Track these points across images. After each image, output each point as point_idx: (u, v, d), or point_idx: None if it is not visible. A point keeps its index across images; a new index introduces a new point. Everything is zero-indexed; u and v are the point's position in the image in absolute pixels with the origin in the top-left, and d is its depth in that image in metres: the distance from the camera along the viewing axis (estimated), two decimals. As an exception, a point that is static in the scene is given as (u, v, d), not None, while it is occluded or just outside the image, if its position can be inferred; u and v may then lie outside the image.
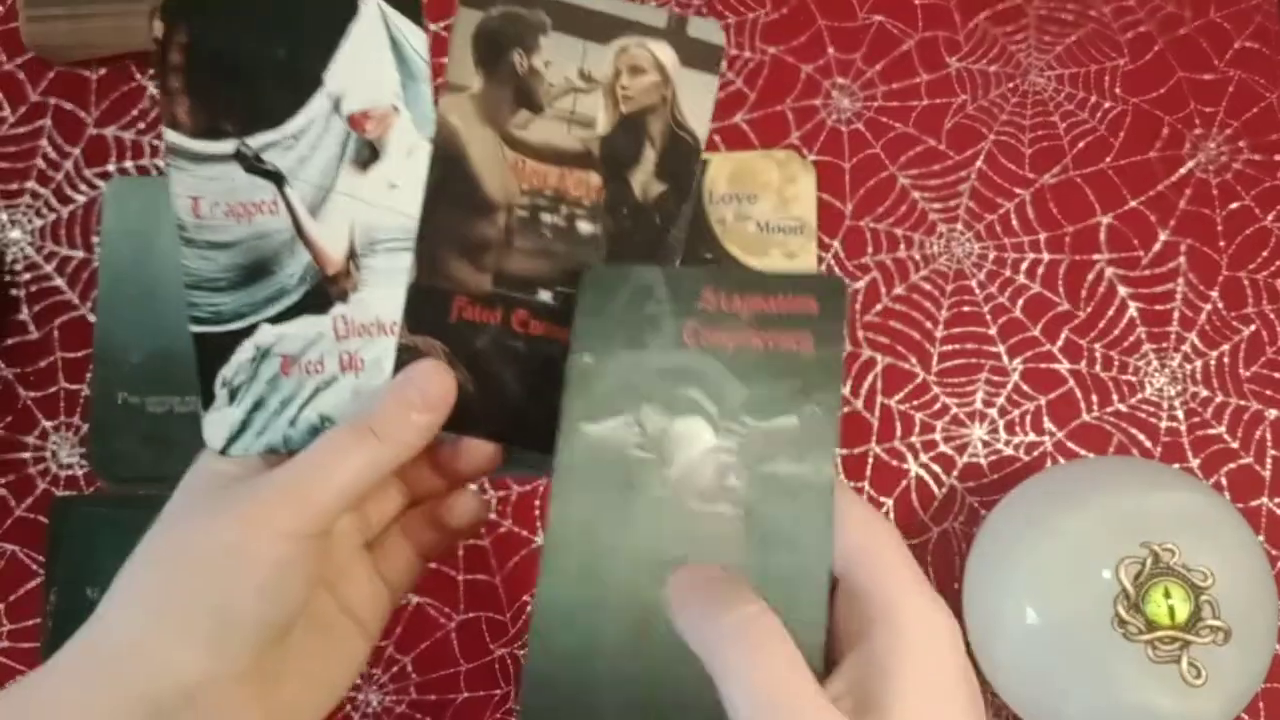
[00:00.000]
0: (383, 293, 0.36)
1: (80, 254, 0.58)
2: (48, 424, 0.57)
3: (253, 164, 0.35)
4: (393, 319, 0.36)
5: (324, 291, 0.36)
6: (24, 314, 0.58)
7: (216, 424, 0.35)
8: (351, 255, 0.36)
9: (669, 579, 0.31)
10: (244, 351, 0.36)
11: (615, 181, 0.36)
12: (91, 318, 0.57)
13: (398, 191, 0.36)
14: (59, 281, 0.58)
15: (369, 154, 0.36)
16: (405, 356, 0.36)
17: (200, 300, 0.35)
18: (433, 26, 0.38)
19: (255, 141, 0.35)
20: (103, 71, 0.61)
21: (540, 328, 0.36)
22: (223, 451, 0.35)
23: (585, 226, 0.36)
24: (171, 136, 0.35)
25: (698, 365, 0.33)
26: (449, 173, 0.36)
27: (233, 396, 0.36)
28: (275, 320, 0.36)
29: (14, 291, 0.58)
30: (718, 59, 0.35)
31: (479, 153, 0.36)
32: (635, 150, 0.36)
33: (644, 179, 0.36)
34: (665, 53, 0.35)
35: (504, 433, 0.37)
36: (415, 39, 0.35)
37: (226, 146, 0.35)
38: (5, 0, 0.61)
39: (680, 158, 0.36)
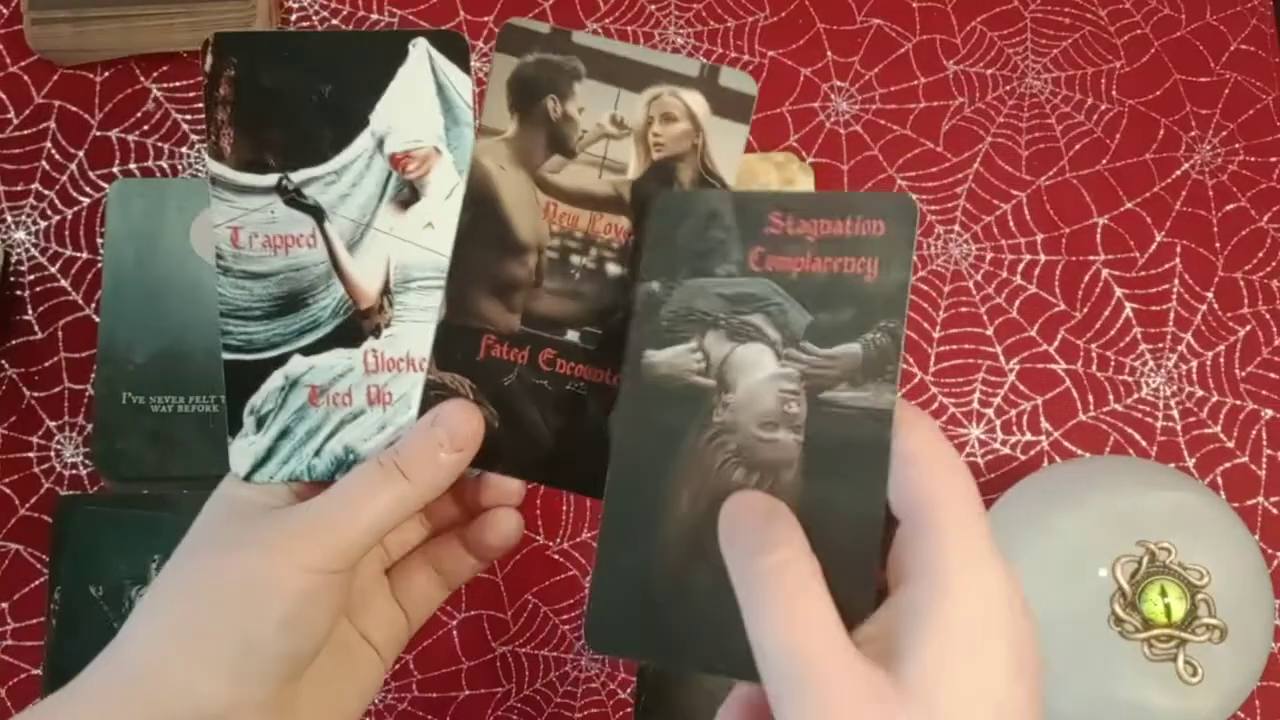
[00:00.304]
0: (415, 329, 0.36)
1: (84, 255, 0.59)
2: (52, 424, 0.57)
3: (293, 198, 0.36)
4: (423, 355, 0.36)
5: (357, 325, 0.36)
6: (29, 314, 0.58)
7: (242, 451, 0.36)
8: (386, 291, 0.36)
9: (722, 508, 0.31)
10: (273, 380, 0.36)
11: None
12: (96, 318, 0.57)
13: (435, 231, 0.36)
14: (63, 282, 0.59)
15: (409, 194, 0.36)
16: (433, 393, 0.36)
17: (234, 328, 0.36)
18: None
19: (297, 176, 0.36)
20: (107, 74, 0.61)
21: (566, 368, 0.37)
22: (246, 478, 0.36)
23: (614, 269, 0.37)
24: (215, 167, 0.36)
25: (762, 291, 0.33)
26: (481, 213, 0.36)
27: (260, 424, 0.36)
28: (306, 351, 0.36)
29: (19, 292, 0.58)
30: (748, 109, 0.36)
31: (511, 195, 0.37)
32: None
33: None
34: (697, 102, 0.36)
35: (528, 470, 0.37)
36: (461, 84, 0.36)
37: (269, 179, 0.36)
38: (10, 3, 0.62)
39: None
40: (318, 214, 0.36)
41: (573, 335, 0.37)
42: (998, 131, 0.62)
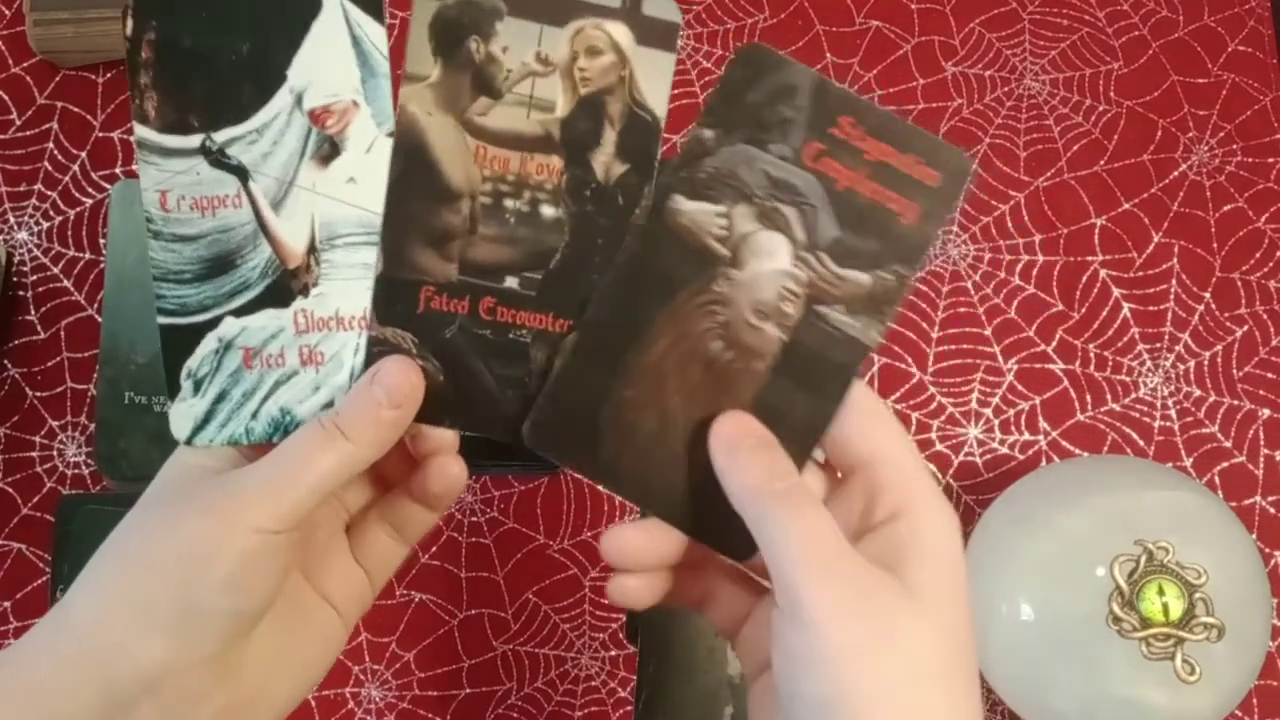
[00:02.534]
0: (343, 287, 0.36)
1: (87, 255, 0.59)
2: (54, 423, 0.57)
3: (217, 158, 0.36)
4: (353, 314, 0.36)
5: (285, 285, 0.36)
6: (31, 315, 0.58)
7: (181, 415, 0.36)
8: (312, 249, 0.36)
9: (717, 420, 0.33)
10: (208, 344, 0.36)
11: (577, 164, 0.36)
12: (98, 318, 0.58)
13: (357, 186, 0.36)
14: (66, 283, 0.59)
15: (329, 149, 0.36)
16: (374, 349, 0.36)
17: (167, 292, 0.36)
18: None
19: (220, 136, 0.36)
20: (109, 75, 0.61)
21: (508, 315, 0.36)
22: (187, 442, 0.36)
23: (548, 210, 0.36)
24: (141, 131, 0.36)
25: (805, 187, 0.33)
26: (411, 163, 0.36)
27: (197, 388, 0.36)
28: (238, 313, 0.36)
29: (21, 292, 0.59)
30: (674, 36, 0.35)
31: (440, 141, 0.36)
32: (595, 132, 0.36)
33: (605, 160, 0.36)
34: (621, 33, 0.35)
35: (475, 423, 0.37)
36: (375, 34, 0.36)
37: (193, 141, 0.36)
38: (12, 4, 0.62)
39: (640, 137, 0.36)
40: (241, 174, 0.36)
41: (512, 281, 0.36)
42: (996, 132, 0.63)
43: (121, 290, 0.55)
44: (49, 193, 0.60)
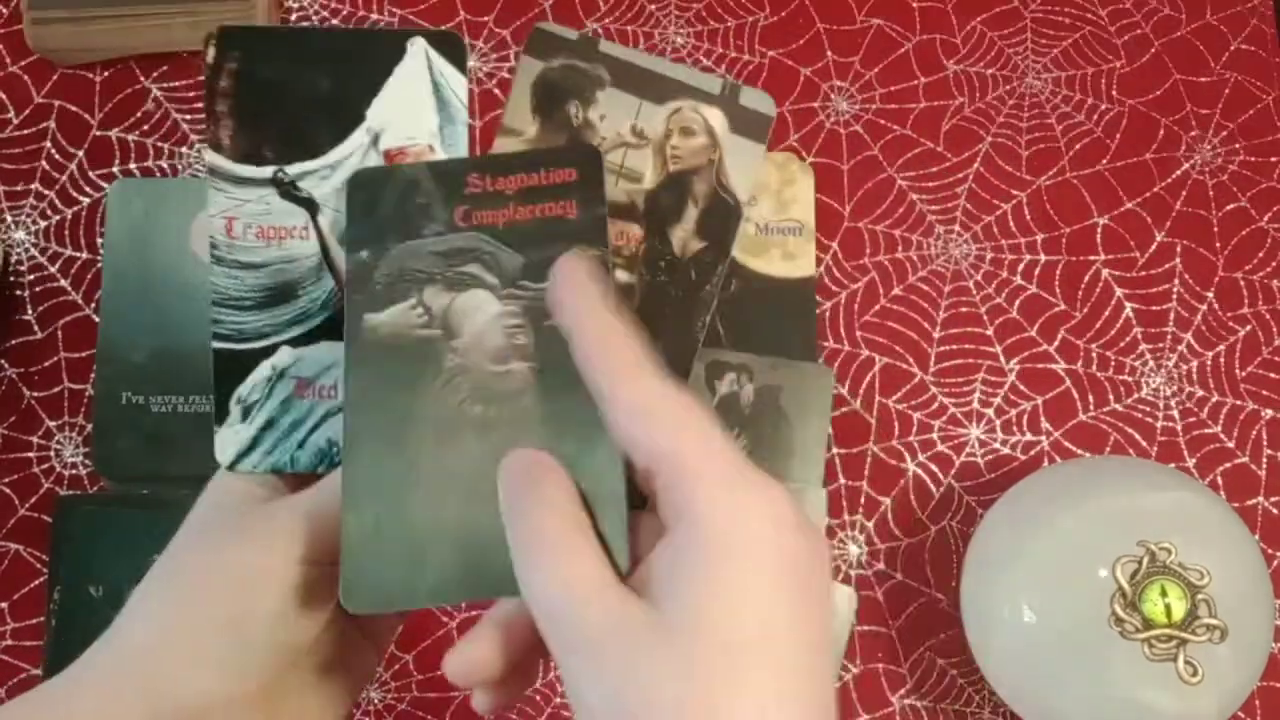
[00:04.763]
0: None
1: (84, 255, 0.59)
2: (51, 423, 0.57)
3: (289, 190, 0.37)
4: None
5: None
6: (28, 314, 0.58)
7: (227, 440, 0.36)
8: None
9: (505, 459, 0.32)
10: (261, 371, 0.36)
11: (656, 235, 0.37)
12: (95, 318, 0.57)
13: None
14: (63, 282, 0.59)
15: None
16: None
17: (224, 317, 0.36)
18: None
19: (293, 169, 0.36)
20: (106, 74, 0.61)
21: None
22: (230, 467, 0.36)
23: (622, 275, 0.37)
24: (213, 158, 0.36)
25: (471, 244, 0.34)
26: None
27: (245, 414, 0.36)
28: (295, 343, 0.36)
29: (19, 292, 0.58)
30: (766, 128, 0.37)
31: None
32: (678, 207, 0.37)
33: (684, 235, 0.37)
34: (717, 118, 0.37)
35: None
36: (456, 83, 0.37)
37: (265, 171, 0.36)
38: (9, 3, 0.62)
39: (721, 218, 0.37)
40: (311, 207, 0.36)
41: None
42: (998, 131, 0.62)
43: (119, 290, 0.54)
44: (46, 192, 0.60)
